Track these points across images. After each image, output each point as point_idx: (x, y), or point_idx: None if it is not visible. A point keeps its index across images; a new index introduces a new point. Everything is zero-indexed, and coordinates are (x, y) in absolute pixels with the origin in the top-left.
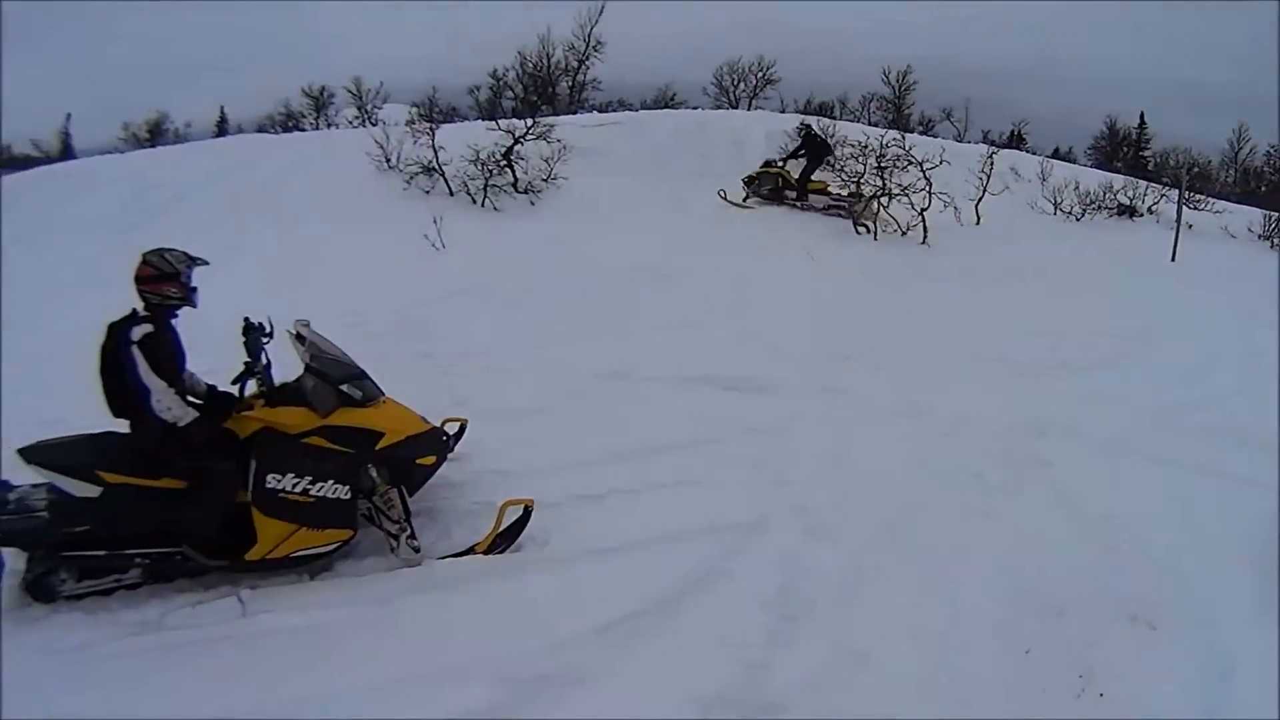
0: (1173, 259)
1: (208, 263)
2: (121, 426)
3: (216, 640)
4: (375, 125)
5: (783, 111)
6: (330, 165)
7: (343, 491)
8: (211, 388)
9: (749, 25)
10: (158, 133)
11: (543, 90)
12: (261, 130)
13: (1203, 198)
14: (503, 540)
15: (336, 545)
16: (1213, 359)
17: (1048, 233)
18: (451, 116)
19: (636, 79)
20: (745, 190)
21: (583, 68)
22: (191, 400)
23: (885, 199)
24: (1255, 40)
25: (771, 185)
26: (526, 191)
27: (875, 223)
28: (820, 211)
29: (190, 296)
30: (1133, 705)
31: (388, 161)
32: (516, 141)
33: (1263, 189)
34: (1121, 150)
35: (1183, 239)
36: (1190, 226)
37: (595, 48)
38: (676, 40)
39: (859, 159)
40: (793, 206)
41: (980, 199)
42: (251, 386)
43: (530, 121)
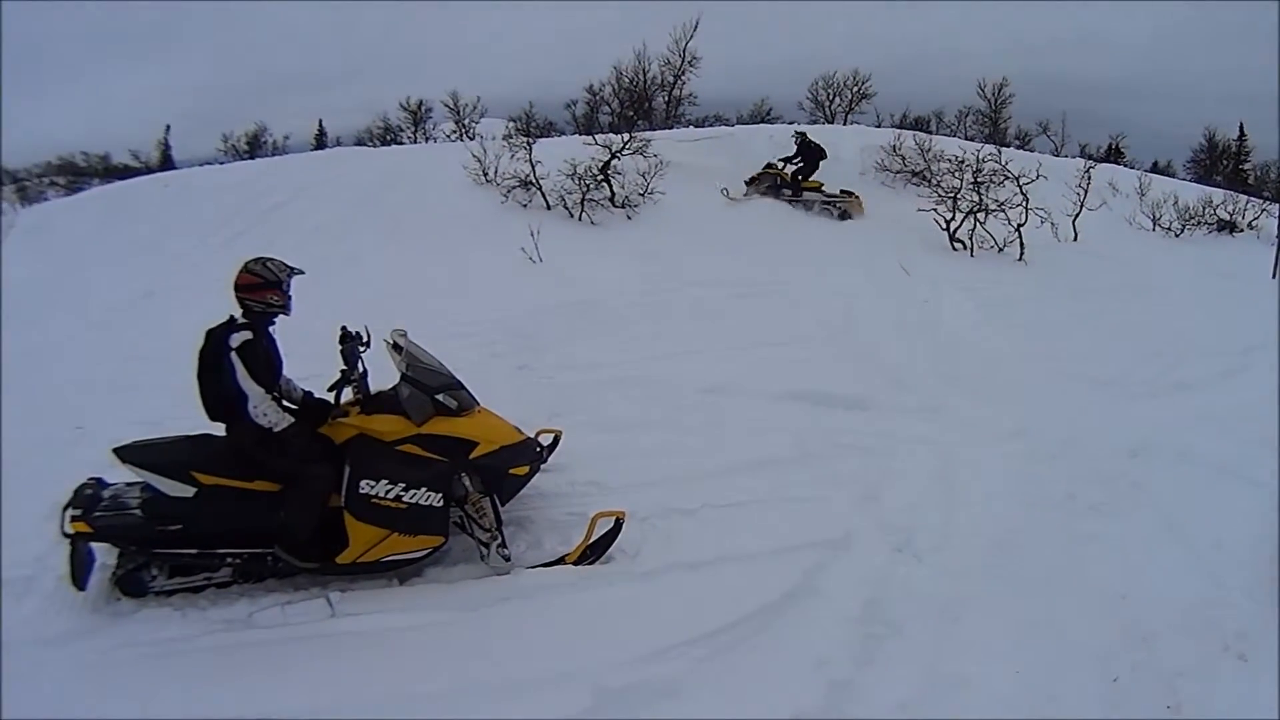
0: (1273, 275)
1: (304, 272)
2: (217, 429)
3: (304, 640)
4: (472, 139)
5: (878, 126)
6: (428, 178)
7: (435, 499)
8: (308, 394)
9: (845, 39)
10: (256, 144)
11: (639, 105)
12: (360, 143)
13: None
14: (593, 551)
15: (427, 551)
16: None
17: (1146, 249)
18: (548, 131)
19: (732, 94)
20: (747, 189)
21: (678, 82)
22: (287, 406)
23: (983, 215)
24: None
25: (769, 184)
26: (623, 206)
27: (854, 214)
28: (815, 207)
29: (287, 304)
30: None
31: (485, 175)
32: (613, 156)
33: None
34: (1221, 163)
35: None
36: None
37: (691, 62)
38: (772, 55)
39: (955, 174)
40: (792, 202)
41: (1078, 215)
42: (348, 394)
43: (627, 136)
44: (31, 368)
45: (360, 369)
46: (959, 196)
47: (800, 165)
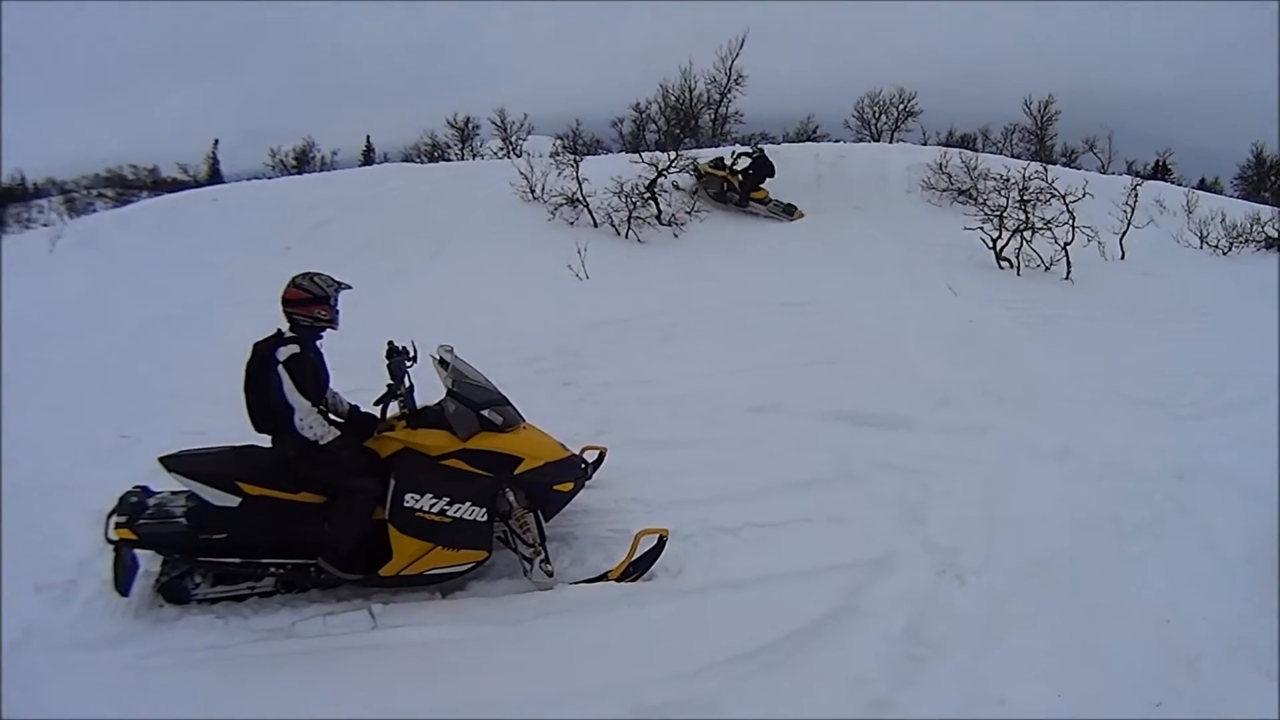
0: None
1: (351, 287)
2: (263, 441)
3: (346, 650)
4: (519, 157)
5: (924, 144)
6: (476, 195)
7: (479, 514)
8: (354, 408)
9: (891, 57)
10: (304, 160)
11: (685, 123)
12: (407, 160)
13: None
14: (636, 568)
15: (471, 566)
16: None
17: (1194, 267)
18: (595, 149)
19: (778, 111)
20: (696, 183)
21: (724, 100)
22: (334, 419)
23: (1029, 233)
24: None
25: (717, 189)
26: (670, 224)
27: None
28: (759, 214)
29: (335, 319)
30: None
31: (532, 192)
32: (660, 174)
33: None
34: (1269, 179)
35: None
36: None
37: (737, 80)
38: (817, 72)
39: (1001, 192)
40: (740, 208)
41: (1124, 233)
42: (394, 408)
43: (674, 154)
44: (79, 376)
45: (406, 384)
46: (1005, 215)
47: (750, 174)
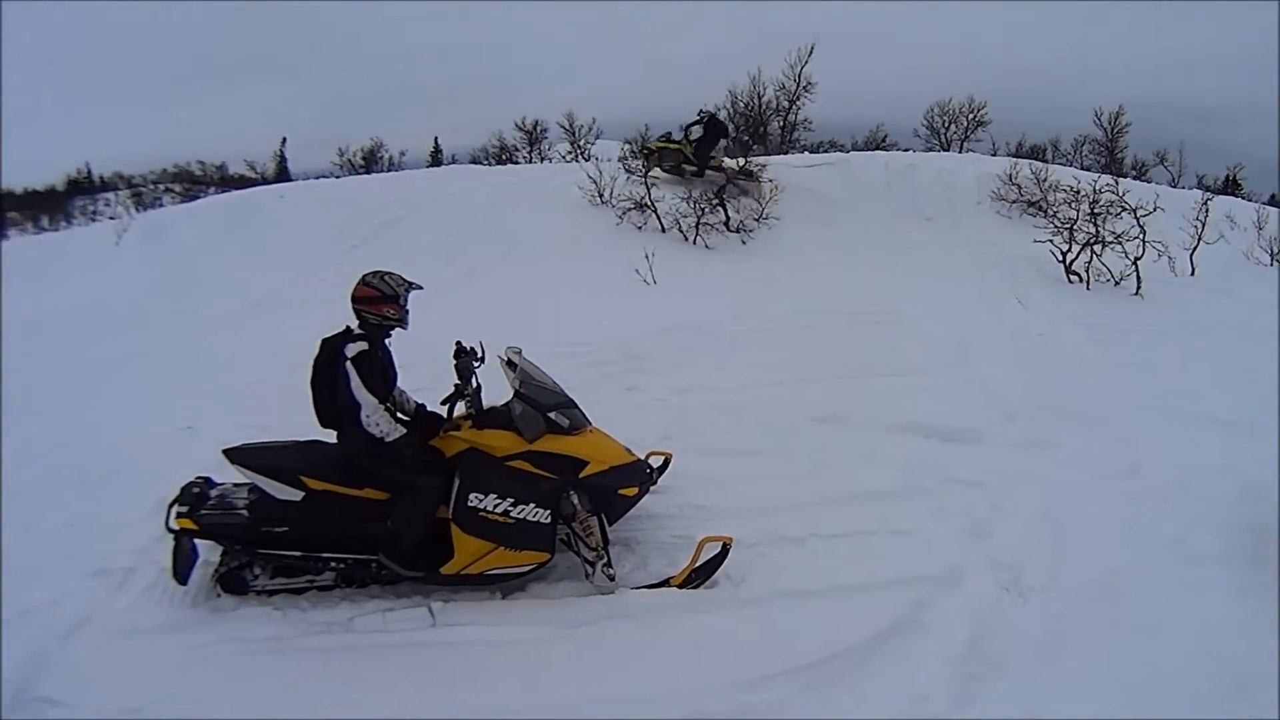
0: None
1: (422, 287)
2: (327, 436)
3: (404, 648)
4: (588, 160)
5: (994, 154)
6: (544, 198)
7: (543, 515)
8: (421, 406)
9: (961, 65)
10: (372, 160)
11: (754, 130)
12: (475, 161)
13: None
14: (698, 575)
15: (532, 567)
16: None
17: (1265, 285)
18: None
19: (847, 119)
20: (645, 164)
21: (793, 108)
22: (400, 417)
23: (1099, 247)
24: None
25: (674, 162)
26: (738, 230)
27: (762, 199)
28: (718, 185)
29: (404, 318)
30: None
31: (600, 197)
32: (729, 181)
33: None
34: None
35: None
36: None
37: (806, 88)
38: (887, 80)
39: (1071, 205)
40: (693, 179)
41: (1195, 249)
42: (460, 408)
43: (742, 161)
44: (144, 367)
45: (474, 384)
46: (1075, 228)
47: (704, 141)
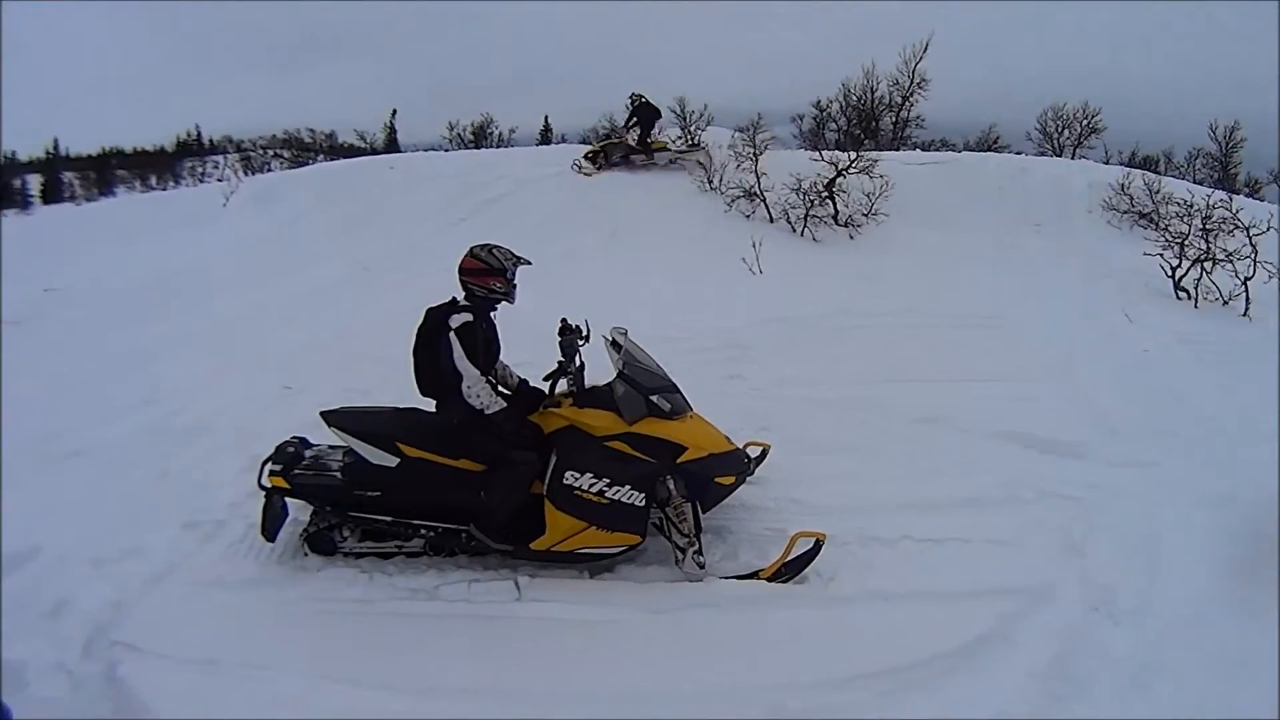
0: None
1: (530, 262)
2: (426, 405)
3: (487, 619)
4: (699, 148)
5: (1106, 162)
6: (653, 182)
7: (637, 498)
8: (523, 381)
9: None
10: (482, 135)
11: (866, 124)
12: (584, 142)
13: None
14: (788, 570)
15: (623, 549)
16: None
17: None
18: (773, 144)
19: (959, 118)
20: (593, 166)
21: (906, 104)
22: (501, 391)
23: (1209, 265)
24: None
25: (621, 153)
26: (846, 225)
27: (710, 170)
28: (666, 165)
29: (511, 293)
30: None
31: (709, 183)
32: (839, 174)
33: None
34: None
35: None
36: None
37: (919, 84)
38: (1001, 80)
39: (1183, 219)
40: (645, 164)
41: None
42: (562, 385)
43: (854, 154)
44: (246, 327)
45: (577, 362)
46: (1186, 243)
47: (637, 125)
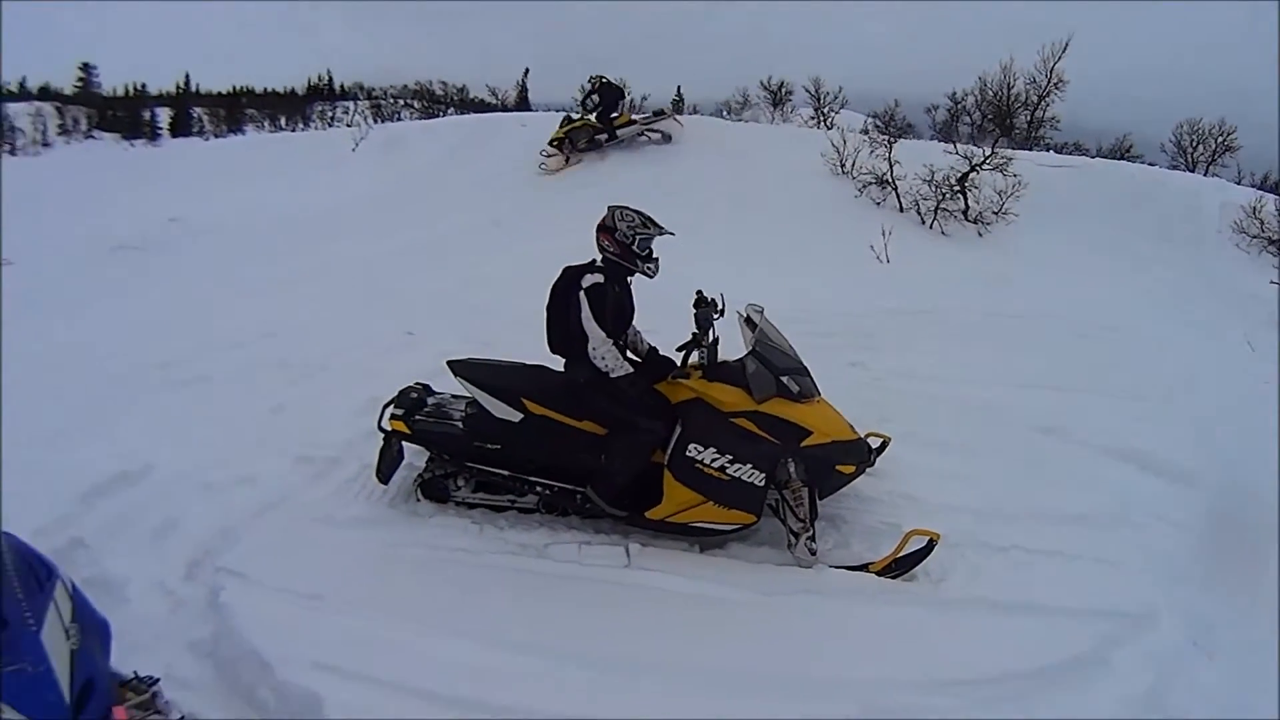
0: None
1: (673, 234)
2: (554, 363)
3: (595, 582)
4: (830, 129)
5: (1239, 183)
6: (784, 160)
7: (757, 478)
8: (653, 349)
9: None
10: None
11: (1001, 120)
12: (716, 114)
13: None
14: (899, 566)
15: (737, 527)
16: None
17: None
18: (906, 132)
19: (1094, 122)
20: (561, 155)
21: (1042, 103)
22: (630, 357)
23: None
24: None
25: (587, 137)
26: (976, 221)
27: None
28: (635, 140)
29: (635, 262)
30: None
31: (842, 167)
32: (973, 169)
33: None
34: None
35: None
36: None
37: (1056, 84)
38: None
39: None
40: (608, 143)
41: None
42: (694, 358)
43: (989, 150)
44: (373, 273)
45: (711, 335)
46: None
47: (600, 107)
